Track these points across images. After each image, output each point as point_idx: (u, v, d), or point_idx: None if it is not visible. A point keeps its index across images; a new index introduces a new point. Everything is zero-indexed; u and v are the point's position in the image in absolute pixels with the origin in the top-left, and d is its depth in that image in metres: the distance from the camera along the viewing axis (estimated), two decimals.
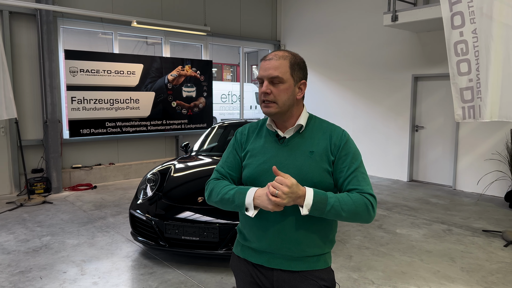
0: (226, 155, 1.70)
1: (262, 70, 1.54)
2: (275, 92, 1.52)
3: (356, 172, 1.53)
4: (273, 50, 10.32)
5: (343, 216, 1.45)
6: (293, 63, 1.54)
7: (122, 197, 6.36)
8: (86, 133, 7.06)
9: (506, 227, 4.96)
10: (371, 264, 3.85)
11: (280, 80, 1.51)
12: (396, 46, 7.70)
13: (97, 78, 7.06)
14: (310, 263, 1.57)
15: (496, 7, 4.19)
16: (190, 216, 3.63)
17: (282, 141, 1.59)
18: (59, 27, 6.91)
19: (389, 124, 7.94)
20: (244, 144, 1.68)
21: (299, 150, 1.57)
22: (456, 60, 4.57)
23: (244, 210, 1.48)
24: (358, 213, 1.46)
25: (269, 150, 1.60)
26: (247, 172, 1.61)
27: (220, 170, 1.68)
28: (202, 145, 5.25)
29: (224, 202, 1.55)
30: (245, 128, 1.72)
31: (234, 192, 1.52)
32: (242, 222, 1.67)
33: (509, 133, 6.31)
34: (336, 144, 1.56)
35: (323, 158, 1.54)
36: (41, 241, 4.43)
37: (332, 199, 1.44)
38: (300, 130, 1.60)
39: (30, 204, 5.87)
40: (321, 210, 1.43)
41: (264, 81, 1.53)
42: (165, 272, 3.65)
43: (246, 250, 1.66)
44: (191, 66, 8.33)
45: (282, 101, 1.53)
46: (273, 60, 1.52)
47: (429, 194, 6.68)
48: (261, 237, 1.58)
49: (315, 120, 1.65)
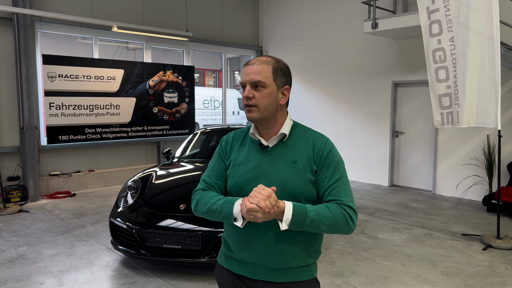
0: (212, 164, 1.67)
1: (245, 75, 1.53)
2: (258, 97, 1.51)
3: (337, 182, 1.50)
4: (256, 56, 10.35)
5: (322, 229, 1.44)
6: (276, 68, 1.53)
7: (102, 205, 6.23)
8: (65, 140, 6.91)
9: (484, 230, 5.07)
10: (353, 270, 3.86)
11: (263, 85, 1.50)
12: (377, 53, 7.82)
13: (76, 84, 6.93)
14: (294, 275, 1.55)
15: (472, 16, 4.31)
16: (172, 224, 3.57)
17: (265, 150, 1.57)
18: (36, 31, 6.76)
19: (370, 129, 8.04)
20: (229, 152, 1.65)
21: (282, 159, 1.54)
22: (434, 67, 4.67)
23: (233, 221, 1.46)
24: (337, 225, 1.45)
25: (253, 159, 1.57)
26: (231, 182, 1.59)
27: (206, 180, 1.64)
28: (184, 152, 5.20)
29: (211, 213, 1.52)
30: (229, 136, 1.69)
31: (222, 203, 1.49)
32: (227, 232, 1.65)
33: (486, 139, 6.47)
34: (319, 153, 1.53)
35: (306, 168, 1.52)
36: (17, 251, 4.29)
37: (311, 212, 1.42)
38: (283, 139, 1.57)
39: (5, 213, 5.69)
40: (300, 224, 1.41)
41: (247, 86, 1.52)
42: (146, 281, 3.58)
43: (229, 260, 1.64)
44: (172, 72, 8.27)
45: (264, 105, 1.51)
46: (256, 65, 1.51)
47: (409, 198, 6.78)
48: (244, 248, 1.55)
49: (299, 128, 1.62)
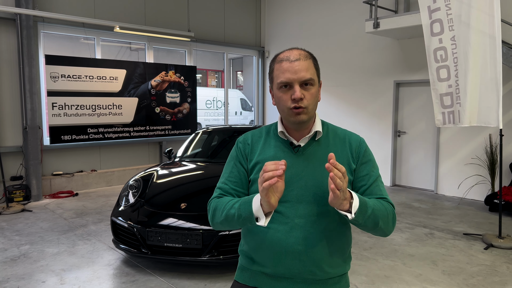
0: (229, 170, 1.47)
1: (291, 73, 1.32)
2: (308, 97, 1.34)
3: (377, 181, 1.41)
4: (257, 56, 10.36)
5: (379, 224, 1.27)
6: (315, 62, 1.39)
7: (104, 204, 6.26)
8: (68, 140, 6.94)
9: (486, 230, 5.05)
10: (354, 269, 3.86)
11: (312, 83, 1.35)
12: (378, 52, 7.82)
13: (79, 84, 6.97)
14: (333, 285, 1.41)
15: (474, 15, 4.30)
16: (173, 223, 3.59)
17: (297, 150, 1.40)
18: (39, 32, 6.80)
19: (372, 129, 8.03)
20: (249, 155, 1.46)
21: (317, 159, 1.39)
22: (436, 67, 4.66)
23: (254, 221, 1.26)
24: (387, 221, 1.31)
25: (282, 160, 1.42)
26: (258, 188, 1.34)
27: (223, 187, 1.44)
28: (186, 151, 5.22)
29: (230, 220, 1.32)
30: (247, 137, 1.50)
31: (239, 204, 1.30)
32: (250, 245, 1.44)
33: (488, 138, 6.45)
34: (357, 151, 1.42)
35: (345, 167, 1.35)
36: (20, 250, 4.32)
37: (370, 202, 1.26)
38: (315, 137, 1.43)
39: (8, 212, 5.72)
40: (364, 214, 1.23)
41: (295, 85, 1.33)
42: (147, 280, 3.60)
43: (258, 276, 1.43)
44: (175, 72, 8.30)
45: (312, 106, 1.37)
46: (302, 61, 1.34)
47: (411, 198, 6.77)
48: (278, 260, 1.36)
49: (328, 126, 1.50)
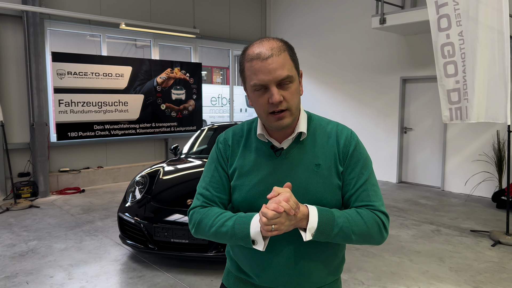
0: (211, 173, 1.33)
1: (264, 74, 1.13)
2: (288, 97, 1.16)
3: (366, 184, 1.24)
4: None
5: (352, 239, 1.18)
6: (291, 52, 1.20)
7: (110, 201, 6.29)
8: (74, 136, 6.98)
9: (494, 227, 5.02)
10: (360, 265, 3.86)
11: (290, 80, 1.16)
12: (385, 48, 7.77)
13: (85, 81, 7.00)
14: None
15: (482, 10, 4.26)
16: (180, 219, 3.60)
17: (279, 153, 1.26)
18: (46, 29, 6.83)
19: (379, 126, 8.00)
20: (229, 158, 1.32)
21: (301, 163, 1.24)
22: (443, 62, 4.63)
23: (250, 244, 1.16)
24: (369, 234, 1.19)
25: (264, 166, 1.26)
26: (239, 196, 1.27)
27: (205, 194, 1.30)
28: (192, 148, 5.23)
29: (219, 236, 1.21)
30: (227, 136, 1.35)
31: (233, 223, 1.18)
32: (235, 251, 1.34)
33: (496, 134, 6.40)
34: (344, 151, 1.26)
35: (332, 171, 1.24)
36: (28, 245, 4.36)
37: (340, 219, 1.16)
38: (299, 137, 1.27)
39: (16, 208, 5.77)
40: (327, 233, 1.14)
41: (272, 87, 1.14)
42: (154, 275, 3.62)
43: (241, 284, 1.36)
44: (180, 69, 8.30)
45: (295, 105, 1.18)
46: (275, 57, 1.14)
47: (418, 195, 6.73)
48: (262, 271, 1.27)
49: (315, 121, 1.31)
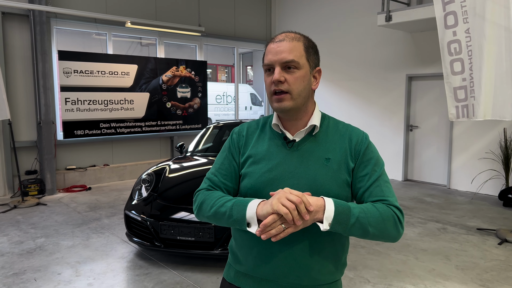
0: (221, 160, 1.41)
1: (272, 54, 1.26)
2: (291, 80, 1.25)
3: (379, 180, 1.28)
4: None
5: (369, 232, 1.19)
6: (308, 45, 1.30)
7: (117, 198, 6.33)
8: (80, 134, 7.02)
9: (500, 225, 5.00)
10: (366, 263, 3.86)
11: (296, 65, 1.25)
12: (390, 46, 7.73)
13: (91, 79, 7.03)
14: None
15: (489, 7, 4.22)
16: (186, 217, 3.62)
17: (291, 145, 1.32)
18: (52, 27, 6.87)
19: (384, 123, 7.97)
20: (242, 148, 1.39)
21: (312, 156, 1.30)
22: (449, 60, 4.60)
23: (245, 226, 1.20)
24: (386, 228, 1.20)
25: (275, 155, 1.32)
26: (248, 183, 1.33)
27: (212, 178, 1.38)
28: (197, 146, 5.25)
29: (218, 217, 1.27)
30: (242, 128, 1.44)
31: (232, 204, 1.25)
32: (237, 242, 1.38)
33: (503, 132, 6.36)
34: (357, 148, 1.31)
35: (342, 167, 1.29)
36: (35, 242, 4.40)
37: (356, 209, 1.19)
38: (312, 132, 1.34)
39: (24, 206, 5.83)
40: (344, 223, 1.17)
41: (276, 67, 1.25)
42: (160, 272, 3.64)
43: (241, 277, 1.37)
44: (185, 67, 8.32)
45: (297, 91, 1.26)
46: (286, 42, 1.26)
47: (424, 193, 6.71)
48: (263, 263, 1.30)
49: (329, 120, 1.39)
